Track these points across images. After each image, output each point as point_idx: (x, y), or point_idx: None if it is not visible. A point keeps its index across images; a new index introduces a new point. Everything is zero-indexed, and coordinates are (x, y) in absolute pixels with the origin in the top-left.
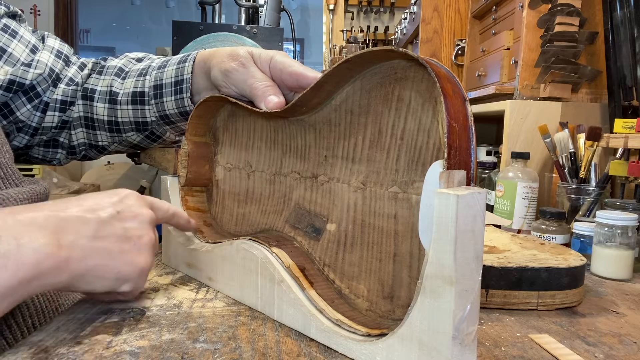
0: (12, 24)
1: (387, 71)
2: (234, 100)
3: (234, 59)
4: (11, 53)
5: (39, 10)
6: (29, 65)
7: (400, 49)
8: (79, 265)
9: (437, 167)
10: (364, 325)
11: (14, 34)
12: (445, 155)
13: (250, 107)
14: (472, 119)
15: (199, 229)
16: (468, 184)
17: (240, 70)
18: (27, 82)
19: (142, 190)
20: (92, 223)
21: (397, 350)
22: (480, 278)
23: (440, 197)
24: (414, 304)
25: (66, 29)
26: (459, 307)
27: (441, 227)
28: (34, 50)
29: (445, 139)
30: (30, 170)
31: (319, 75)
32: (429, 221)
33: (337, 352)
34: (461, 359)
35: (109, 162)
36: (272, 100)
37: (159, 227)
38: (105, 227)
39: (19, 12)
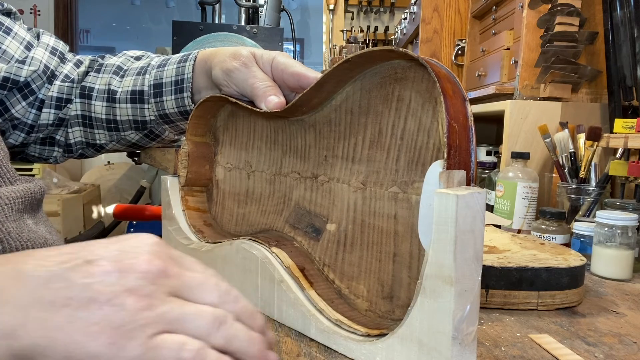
0: (7, 21)
1: (387, 71)
2: (234, 100)
3: (236, 58)
4: (5, 50)
5: (39, 10)
6: (23, 62)
7: (401, 49)
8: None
9: (437, 167)
10: (364, 326)
11: (8, 31)
12: (445, 155)
13: (250, 107)
14: (472, 119)
15: (199, 229)
16: (468, 184)
17: (242, 70)
18: (22, 79)
19: (142, 190)
20: (31, 280)
21: (396, 351)
22: (480, 278)
23: (440, 197)
24: (413, 304)
25: (66, 29)
26: (458, 307)
27: (441, 227)
28: (28, 47)
29: (445, 139)
30: (30, 170)
31: (319, 75)
32: (429, 221)
33: (337, 352)
34: (461, 359)
35: (109, 162)
36: (273, 100)
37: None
38: (51, 283)
39: (14, 9)
